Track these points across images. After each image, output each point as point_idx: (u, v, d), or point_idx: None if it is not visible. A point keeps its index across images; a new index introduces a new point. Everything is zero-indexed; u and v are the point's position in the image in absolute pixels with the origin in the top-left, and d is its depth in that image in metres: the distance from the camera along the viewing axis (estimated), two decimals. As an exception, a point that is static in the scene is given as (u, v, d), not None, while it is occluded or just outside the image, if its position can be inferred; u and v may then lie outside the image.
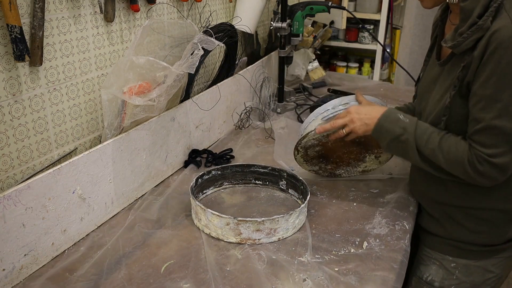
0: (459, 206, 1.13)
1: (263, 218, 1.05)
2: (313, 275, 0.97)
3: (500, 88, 0.96)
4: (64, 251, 1.04)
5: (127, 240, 1.08)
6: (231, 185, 1.32)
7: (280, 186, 1.29)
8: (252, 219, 1.05)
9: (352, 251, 1.06)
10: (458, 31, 1.01)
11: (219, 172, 1.30)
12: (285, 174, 1.27)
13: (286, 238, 1.09)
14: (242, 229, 1.05)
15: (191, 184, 1.19)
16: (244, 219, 1.05)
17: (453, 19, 1.11)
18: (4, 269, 0.90)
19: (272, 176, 1.31)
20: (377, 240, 1.09)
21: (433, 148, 1.06)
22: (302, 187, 1.21)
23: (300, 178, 1.22)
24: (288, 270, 0.99)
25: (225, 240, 1.07)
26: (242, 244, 1.07)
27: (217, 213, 1.06)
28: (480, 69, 0.98)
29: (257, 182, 1.33)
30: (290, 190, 1.27)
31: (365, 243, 1.08)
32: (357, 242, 1.08)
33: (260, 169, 1.31)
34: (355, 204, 1.25)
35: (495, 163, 0.99)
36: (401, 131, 1.09)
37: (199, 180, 1.24)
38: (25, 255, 0.94)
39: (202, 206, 1.08)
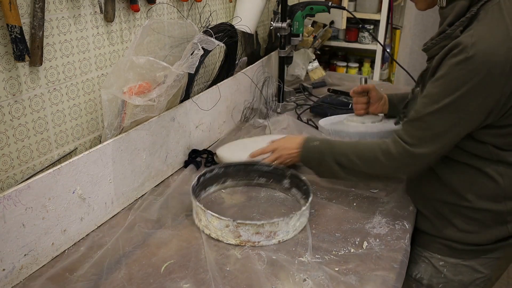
0: (450, 203, 1.13)
1: (262, 222, 1.04)
2: (313, 275, 0.97)
3: (444, 92, 0.98)
4: (64, 251, 1.04)
5: (127, 240, 1.08)
6: (234, 183, 1.32)
7: (283, 185, 1.29)
8: (252, 222, 1.04)
9: (352, 251, 1.05)
10: (431, 37, 1.05)
11: (222, 170, 1.30)
12: (288, 173, 1.27)
13: (286, 240, 1.09)
14: (242, 232, 1.05)
15: (193, 183, 1.18)
16: (243, 222, 1.04)
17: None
18: (4, 269, 0.90)
19: (275, 175, 1.30)
20: (377, 240, 1.09)
21: (349, 156, 1.13)
22: (305, 187, 1.20)
23: (303, 178, 1.22)
24: (288, 270, 0.98)
25: (224, 241, 1.07)
26: (241, 245, 1.07)
27: (217, 215, 1.05)
28: (437, 69, 1.01)
29: (260, 180, 1.33)
30: (293, 190, 1.27)
31: (365, 243, 1.08)
32: (357, 242, 1.08)
33: (264, 168, 1.31)
34: (355, 204, 1.25)
35: (411, 151, 1.04)
36: (319, 156, 1.18)
37: (201, 178, 1.24)
38: (25, 255, 0.94)
39: (202, 207, 1.08)
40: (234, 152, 1.42)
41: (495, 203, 1.09)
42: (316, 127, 1.72)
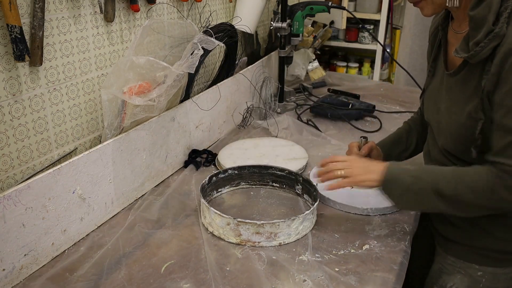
0: (486, 214, 1.05)
1: (262, 221, 1.04)
2: (313, 275, 0.97)
3: None
4: (64, 251, 1.04)
5: (127, 240, 1.08)
6: (248, 186, 1.32)
7: (296, 190, 1.29)
8: (252, 221, 1.04)
9: (352, 251, 1.06)
10: (474, 41, 0.96)
11: (236, 172, 1.30)
12: (300, 179, 1.26)
13: (288, 243, 1.08)
14: (242, 231, 1.05)
15: (204, 181, 1.19)
16: (243, 220, 1.04)
17: (457, 27, 1.07)
18: (4, 269, 0.90)
19: (288, 180, 1.29)
20: (377, 241, 1.09)
21: (454, 185, 0.99)
22: (314, 192, 1.19)
23: (314, 184, 1.20)
24: (288, 270, 0.99)
25: (226, 240, 1.08)
26: (242, 245, 1.07)
27: (219, 212, 1.06)
28: (503, 78, 0.94)
29: (274, 184, 1.32)
30: (305, 195, 1.26)
31: (365, 244, 1.08)
32: (357, 243, 1.09)
33: (278, 172, 1.30)
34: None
35: None
36: (412, 180, 1.02)
37: (213, 178, 1.24)
38: (25, 255, 0.94)
39: (206, 204, 1.09)
40: (236, 160, 1.42)
41: None
42: (316, 127, 1.73)
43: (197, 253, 1.04)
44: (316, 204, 1.14)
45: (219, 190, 1.28)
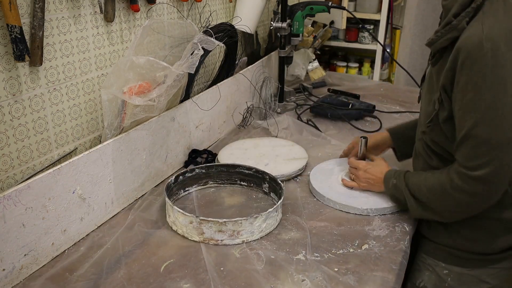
0: (466, 217, 1.08)
1: (224, 220, 1.04)
2: (312, 275, 0.97)
3: (475, 97, 0.93)
4: (64, 251, 1.04)
5: (127, 239, 1.08)
6: (216, 185, 1.32)
7: (263, 189, 1.28)
8: (214, 219, 1.04)
9: (351, 251, 1.06)
10: (436, 29, 1.01)
11: (204, 171, 1.30)
12: (267, 177, 1.26)
13: (251, 241, 1.08)
14: (205, 229, 1.05)
15: (170, 180, 1.19)
16: (205, 218, 1.05)
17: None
18: (4, 269, 0.91)
19: (256, 178, 1.29)
20: (377, 241, 1.09)
21: (424, 192, 1.07)
22: (280, 190, 1.19)
23: (280, 182, 1.21)
24: (287, 269, 0.99)
25: (189, 238, 1.08)
26: (204, 242, 1.07)
27: (182, 211, 1.06)
28: (457, 75, 0.96)
29: (242, 183, 1.32)
30: (271, 194, 1.26)
31: (365, 244, 1.08)
32: (356, 243, 1.09)
33: (245, 170, 1.30)
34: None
35: (475, 176, 0.96)
36: (396, 185, 1.15)
37: (180, 177, 1.24)
38: (25, 255, 0.94)
39: (170, 203, 1.10)
40: (235, 160, 1.41)
41: (501, 211, 1.06)
42: (316, 127, 1.73)
43: (197, 253, 1.04)
44: (280, 202, 1.13)
45: (186, 189, 1.28)
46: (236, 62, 1.73)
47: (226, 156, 1.44)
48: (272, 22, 1.81)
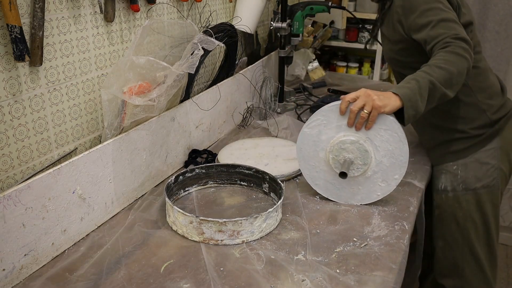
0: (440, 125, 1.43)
1: (224, 220, 1.04)
2: (312, 275, 0.97)
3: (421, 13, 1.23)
4: (64, 251, 1.04)
5: (127, 240, 1.08)
6: (216, 185, 1.32)
7: (263, 189, 1.29)
8: (214, 219, 1.04)
9: (351, 251, 1.06)
10: None
11: (204, 171, 1.30)
12: (267, 177, 1.26)
13: (251, 241, 1.08)
14: (205, 229, 1.05)
15: (170, 180, 1.19)
16: (205, 218, 1.05)
17: None
18: (4, 269, 0.91)
19: (256, 178, 1.29)
20: (377, 241, 1.09)
21: (441, 65, 1.16)
22: (280, 190, 1.19)
23: (280, 182, 1.21)
24: (287, 269, 0.99)
25: (189, 238, 1.08)
26: (204, 242, 1.07)
27: (182, 211, 1.06)
28: (403, 18, 1.30)
29: (242, 183, 1.32)
30: (271, 194, 1.26)
31: (365, 243, 1.08)
32: (356, 242, 1.09)
33: (245, 170, 1.30)
34: (355, 204, 1.25)
35: (458, 37, 1.19)
36: (416, 84, 1.13)
37: (180, 177, 1.24)
38: (25, 255, 0.95)
39: (170, 203, 1.10)
40: (235, 160, 1.41)
41: (468, 97, 1.36)
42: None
43: (197, 253, 1.04)
44: (280, 202, 1.13)
45: (186, 189, 1.28)
46: (236, 62, 1.73)
47: (226, 156, 1.44)
48: (272, 22, 1.81)
